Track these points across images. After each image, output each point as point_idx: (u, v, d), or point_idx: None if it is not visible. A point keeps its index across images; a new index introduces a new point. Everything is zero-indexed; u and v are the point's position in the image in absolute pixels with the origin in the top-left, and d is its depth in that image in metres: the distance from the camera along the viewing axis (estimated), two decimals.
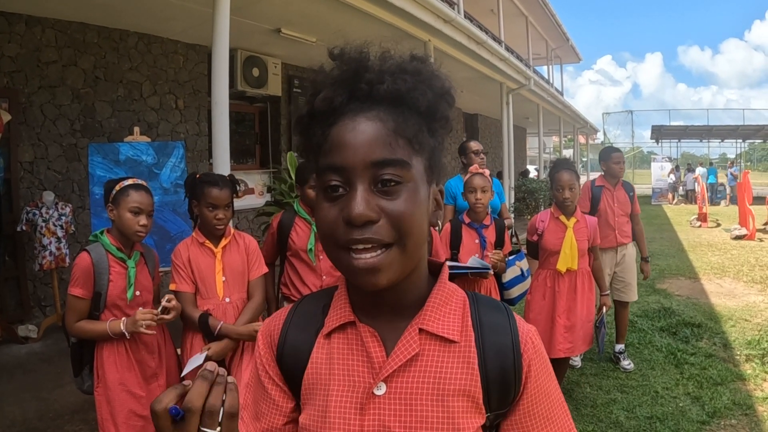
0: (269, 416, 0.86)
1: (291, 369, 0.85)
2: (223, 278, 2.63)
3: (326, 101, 0.74)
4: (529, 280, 3.83)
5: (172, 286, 2.58)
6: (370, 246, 0.71)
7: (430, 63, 0.79)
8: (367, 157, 0.71)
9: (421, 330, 0.79)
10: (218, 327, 2.51)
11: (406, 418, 0.76)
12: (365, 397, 0.77)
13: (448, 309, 0.82)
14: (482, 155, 4.47)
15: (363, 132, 0.72)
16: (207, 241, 2.64)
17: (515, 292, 3.82)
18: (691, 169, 23.17)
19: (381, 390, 0.77)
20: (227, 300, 2.63)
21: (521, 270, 3.77)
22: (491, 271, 3.31)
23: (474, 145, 4.52)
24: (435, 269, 0.87)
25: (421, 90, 0.74)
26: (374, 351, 0.78)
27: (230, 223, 2.73)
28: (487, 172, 3.47)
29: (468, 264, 3.27)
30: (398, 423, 0.76)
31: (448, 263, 3.26)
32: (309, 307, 0.89)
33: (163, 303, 2.37)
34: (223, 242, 2.67)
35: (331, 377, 0.80)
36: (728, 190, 21.08)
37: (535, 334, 0.85)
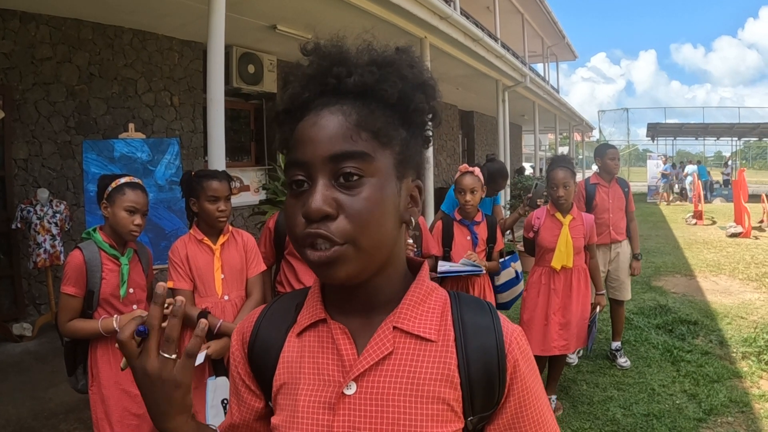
0: (239, 413, 0.87)
1: (261, 367, 0.84)
2: (222, 276, 2.61)
3: (294, 97, 0.74)
4: (522, 284, 3.82)
5: (169, 284, 2.56)
6: (324, 243, 0.69)
7: (409, 53, 0.76)
8: (326, 151, 0.70)
9: (395, 328, 0.77)
10: (218, 325, 2.50)
11: (376, 419, 0.73)
12: (335, 397, 0.75)
13: (425, 307, 0.79)
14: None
15: (323, 126, 0.71)
16: (205, 238, 2.62)
17: (508, 296, 3.77)
18: (677, 165, 23.36)
19: (351, 389, 0.74)
20: (226, 298, 2.61)
21: (516, 272, 3.75)
22: (484, 270, 3.31)
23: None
24: (415, 267, 0.85)
25: (391, 81, 0.72)
26: (345, 349, 0.76)
27: (228, 220, 2.72)
28: (477, 170, 3.45)
29: (459, 265, 3.26)
30: (368, 424, 0.73)
31: (440, 266, 3.24)
32: (282, 306, 0.88)
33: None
34: (222, 239, 2.65)
35: (301, 376, 0.78)
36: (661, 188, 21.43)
37: (521, 334, 0.82)
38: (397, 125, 0.74)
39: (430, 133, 0.82)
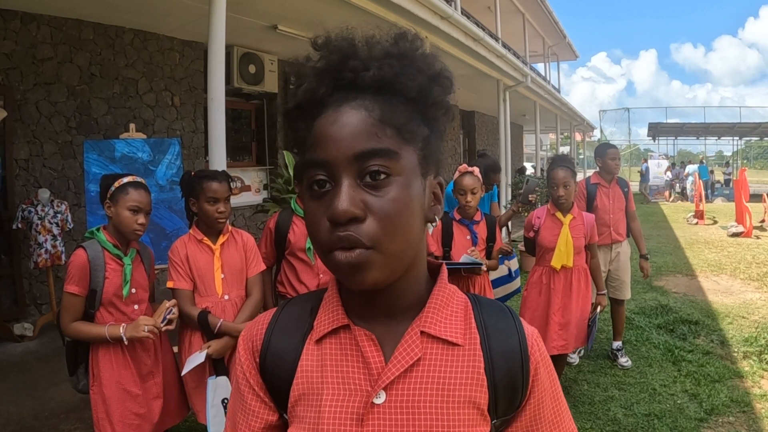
0: (248, 427, 0.80)
1: (275, 378, 0.78)
2: (222, 275, 2.62)
3: (309, 92, 0.70)
4: (516, 281, 3.83)
5: (169, 284, 2.56)
6: (352, 247, 0.66)
7: (418, 42, 0.73)
8: (351, 149, 0.66)
9: (422, 333, 0.74)
10: (218, 324, 2.49)
11: (407, 428, 0.70)
12: (364, 407, 0.71)
13: (449, 310, 0.77)
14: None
15: (346, 123, 0.67)
16: (205, 238, 2.62)
17: (499, 292, 3.80)
18: (676, 165, 23.57)
19: (381, 398, 0.71)
20: (226, 297, 2.61)
21: (509, 270, 3.77)
22: (484, 267, 3.31)
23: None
24: (434, 270, 0.82)
25: (410, 74, 0.69)
26: (372, 356, 0.73)
27: (227, 220, 2.72)
28: (476, 170, 3.45)
29: (460, 261, 3.27)
30: None
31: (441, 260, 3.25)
32: (295, 310, 0.83)
33: (168, 316, 2.37)
34: (222, 239, 2.65)
35: (324, 386, 0.74)
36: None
37: (539, 336, 0.81)
38: (418, 120, 0.71)
39: (444, 128, 0.78)
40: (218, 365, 2.55)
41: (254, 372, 0.80)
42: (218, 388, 2.47)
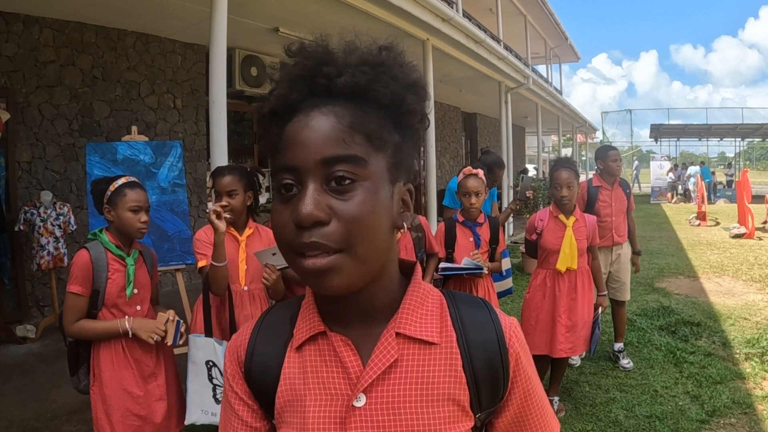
0: None
1: (261, 386, 0.79)
2: (245, 267, 2.73)
3: (281, 98, 0.70)
4: (509, 280, 3.84)
5: (201, 263, 2.67)
6: (318, 252, 0.66)
7: (396, 52, 0.73)
8: (318, 155, 0.66)
9: (398, 334, 0.75)
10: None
11: (389, 428, 0.72)
12: (345, 411, 0.72)
13: (424, 310, 0.78)
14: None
15: (315, 128, 0.67)
16: (231, 229, 2.73)
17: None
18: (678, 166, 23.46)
19: (361, 401, 0.72)
20: (245, 288, 2.74)
21: (502, 269, 3.78)
22: (485, 270, 3.31)
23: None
24: (408, 269, 0.83)
25: (383, 81, 0.69)
26: (349, 361, 0.74)
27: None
28: (480, 173, 3.45)
29: (461, 264, 3.27)
30: None
31: (442, 265, 3.26)
32: (275, 319, 0.84)
33: (181, 329, 2.43)
34: (247, 231, 2.78)
35: (307, 392, 0.75)
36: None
37: (518, 326, 0.82)
38: (389, 128, 0.71)
39: (421, 135, 0.78)
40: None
41: (240, 381, 0.82)
42: (201, 348, 2.57)
